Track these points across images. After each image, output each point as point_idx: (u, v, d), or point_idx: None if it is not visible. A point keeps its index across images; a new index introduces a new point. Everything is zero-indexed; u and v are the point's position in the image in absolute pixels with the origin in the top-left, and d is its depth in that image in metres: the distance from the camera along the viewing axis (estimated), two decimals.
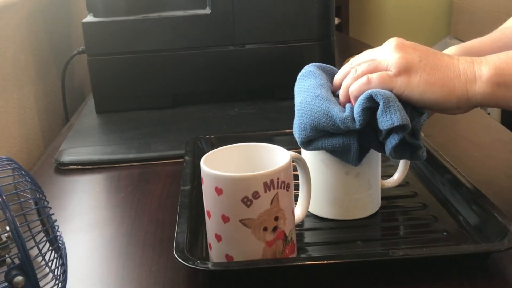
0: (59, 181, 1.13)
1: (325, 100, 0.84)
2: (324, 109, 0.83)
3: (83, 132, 1.35)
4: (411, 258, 0.75)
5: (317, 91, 0.86)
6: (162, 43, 1.44)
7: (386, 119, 0.79)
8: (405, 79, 0.83)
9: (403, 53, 0.85)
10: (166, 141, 1.26)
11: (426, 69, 0.83)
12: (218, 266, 0.76)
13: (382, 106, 0.79)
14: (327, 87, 0.89)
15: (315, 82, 0.89)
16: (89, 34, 1.43)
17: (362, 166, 0.88)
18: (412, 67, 0.83)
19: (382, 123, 0.80)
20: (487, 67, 0.83)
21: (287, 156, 0.77)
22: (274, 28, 1.45)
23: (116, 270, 0.82)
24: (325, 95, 0.86)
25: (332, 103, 0.84)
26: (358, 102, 0.81)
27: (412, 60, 0.84)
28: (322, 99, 0.85)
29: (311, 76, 0.91)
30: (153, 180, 1.10)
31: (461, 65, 0.84)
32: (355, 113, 0.81)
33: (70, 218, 0.98)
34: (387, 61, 0.85)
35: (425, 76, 0.83)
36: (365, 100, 0.81)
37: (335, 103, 0.85)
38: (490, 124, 1.32)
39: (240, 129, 1.31)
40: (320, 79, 0.90)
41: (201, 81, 1.48)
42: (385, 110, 0.79)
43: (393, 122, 0.78)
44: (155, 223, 0.94)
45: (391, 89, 0.83)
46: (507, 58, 0.83)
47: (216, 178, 0.74)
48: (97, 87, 1.47)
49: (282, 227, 0.76)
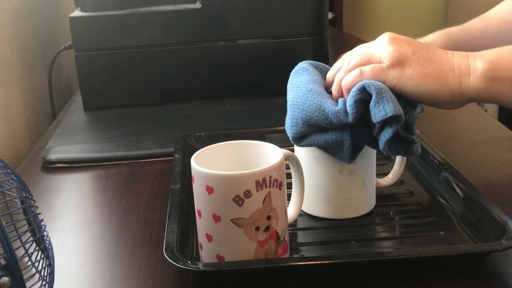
0: (46, 179, 1.13)
1: (317, 95, 0.84)
2: (316, 103, 0.83)
3: (71, 130, 1.34)
4: (406, 259, 0.75)
5: (310, 86, 0.87)
6: (152, 38, 1.44)
7: (379, 110, 0.79)
8: (398, 71, 0.83)
9: (397, 46, 0.85)
10: (156, 138, 1.25)
11: (419, 61, 0.84)
12: (209, 267, 0.75)
13: (375, 97, 0.80)
14: (320, 83, 0.89)
15: (308, 77, 0.89)
16: (77, 29, 1.42)
17: (356, 164, 0.88)
18: (405, 60, 0.84)
19: (375, 115, 0.80)
20: (481, 61, 0.83)
21: (279, 154, 0.77)
22: (266, 23, 1.45)
23: (104, 271, 0.82)
24: (317, 89, 0.86)
25: (325, 97, 0.84)
26: (351, 94, 0.81)
27: (406, 53, 0.84)
28: (315, 93, 0.85)
29: (304, 72, 0.91)
30: (142, 179, 1.09)
31: (455, 59, 0.84)
32: (347, 105, 0.81)
33: (57, 217, 0.98)
34: (380, 54, 0.86)
35: (419, 69, 0.83)
36: (357, 92, 0.81)
37: (328, 97, 0.85)
38: (487, 121, 1.32)
39: (231, 126, 1.31)
40: (313, 75, 0.90)
41: (192, 77, 1.48)
42: (377, 101, 0.79)
43: (386, 113, 0.78)
44: (144, 222, 0.94)
45: (383, 81, 0.83)
46: (502, 53, 0.84)
47: (207, 176, 0.74)
48: (85, 83, 1.46)
49: (274, 227, 0.76)
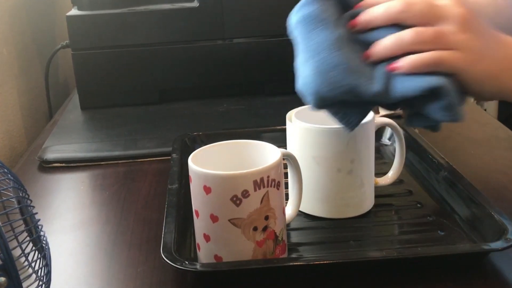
0: (42, 179, 1.13)
1: (348, 72, 0.71)
2: (349, 84, 0.71)
3: (68, 129, 1.34)
4: (405, 258, 0.75)
5: (335, 56, 0.71)
6: (149, 37, 1.44)
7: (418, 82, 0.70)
8: (467, 54, 0.73)
9: (464, 22, 0.74)
10: (153, 138, 1.25)
11: (492, 54, 0.75)
12: (206, 267, 0.75)
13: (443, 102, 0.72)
14: (346, 40, 0.73)
15: (327, 36, 0.72)
16: (74, 27, 1.42)
17: (354, 164, 0.88)
18: (474, 36, 0.74)
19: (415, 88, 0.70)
20: None
21: (277, 154, 0.77)
22: (264, 22, 1.45)
23: (102, 271, 0.82)
24: (346, 61, 0.71)
25: (358, 74, 0.71)
26: (408, 84, 0.71)
27: (477, 34, 0.74)
28: (344, 70, 0.71)
29: (319, 24, 0.73)
30: (139, 178, 1.09)
31: None
32: (395, 92, 0.71)
33: (54, 217, 0.97)
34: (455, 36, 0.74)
35: (489, 61, 0.75)
36: (419, 90, 0.71)
37: (361, 69, 0.72)
38: (486, 120, 1.32)
39: (229, 126, 1.31)
40: (333, 27, 0.73)
41: (189, 76, 1.48)
42: None
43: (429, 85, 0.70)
44: (142, 222, 0.94)
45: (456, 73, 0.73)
46: None
47: (205, 176, 0.74)
48: (82, 82, 1.46)
49: (272, 227, 0.76)
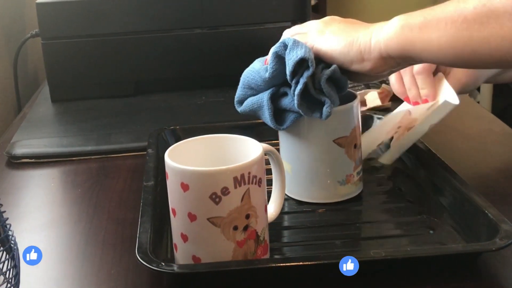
0: (11, 175, 1.12)
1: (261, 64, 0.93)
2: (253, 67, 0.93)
3: (37, 123, 1.34)
4: (394, 259, 0.75)
5: None
6: (124, 25, 1.44)
7: (291, 55, 0.86)
8: (317, 35, 0.90)
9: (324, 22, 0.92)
10: (128, 132, 1.25)
11: (340, 26, 0.90)
12: (184, 269, 0.75)
13: (290, 45, 0.87)
14: None
15: None
16: (44, 15, 1.42)
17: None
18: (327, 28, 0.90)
19: (288, 61, 0.86)
20: (397, 18, 0.84)
21: (259, 149, 0.77)
22: (244, 9, 1.45)
23: (73, 272, 0.82)
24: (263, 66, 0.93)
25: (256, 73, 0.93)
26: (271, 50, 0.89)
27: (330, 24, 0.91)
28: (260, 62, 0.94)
29: None
30: (113, 175, 1.09)
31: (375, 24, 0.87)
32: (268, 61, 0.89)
33: (23, 216, 0.97)
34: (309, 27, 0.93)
35: (335, 29, 0.89)
36: (276, 47, 0.88)
37: None
38: (479, 113, 1.33)
39: (208, 119, 1.31)
40: None
41: (166, 67, 1.48)
42: (292, 48, 0.86)
43: (297, 56, 0.85)
44: (116, 221, 0.94)
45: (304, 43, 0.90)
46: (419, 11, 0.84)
47: (182, 173, 0.74)
48: (53, 73, 1.46)
49: (253, 226, 0.76)
